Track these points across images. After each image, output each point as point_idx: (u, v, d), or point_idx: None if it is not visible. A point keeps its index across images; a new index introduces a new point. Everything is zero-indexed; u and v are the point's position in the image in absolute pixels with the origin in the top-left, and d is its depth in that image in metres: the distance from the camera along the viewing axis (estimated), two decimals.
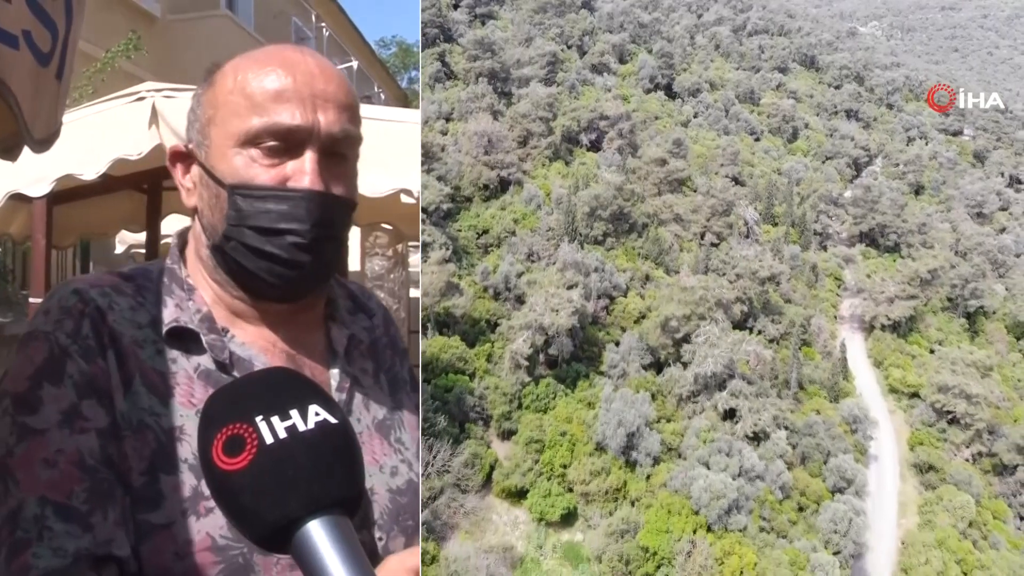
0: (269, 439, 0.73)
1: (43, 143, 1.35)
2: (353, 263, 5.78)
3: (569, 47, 31.92)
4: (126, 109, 3.95)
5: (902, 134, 41.14)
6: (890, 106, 44.47)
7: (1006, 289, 25.79)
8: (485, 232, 17.93)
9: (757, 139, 33.43)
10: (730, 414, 14.05)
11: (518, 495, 12.25)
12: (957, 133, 45.06)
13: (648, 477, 12.66)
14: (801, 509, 13.06)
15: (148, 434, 0.96)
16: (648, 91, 32.86)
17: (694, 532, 11.47)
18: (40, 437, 0.91)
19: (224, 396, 0.81)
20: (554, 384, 13.98)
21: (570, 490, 12.39)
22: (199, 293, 1.08)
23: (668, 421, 13.87)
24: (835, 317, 21.72)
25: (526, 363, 13.68)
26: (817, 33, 51.75)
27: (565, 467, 12.55)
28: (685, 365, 14.70)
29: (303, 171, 1.02)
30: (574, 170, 21.48)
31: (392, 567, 0.96)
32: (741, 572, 11.01)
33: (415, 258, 8.69)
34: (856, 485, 13.55)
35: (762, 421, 13.68)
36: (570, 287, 14.52)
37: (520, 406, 13.54)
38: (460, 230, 17.47)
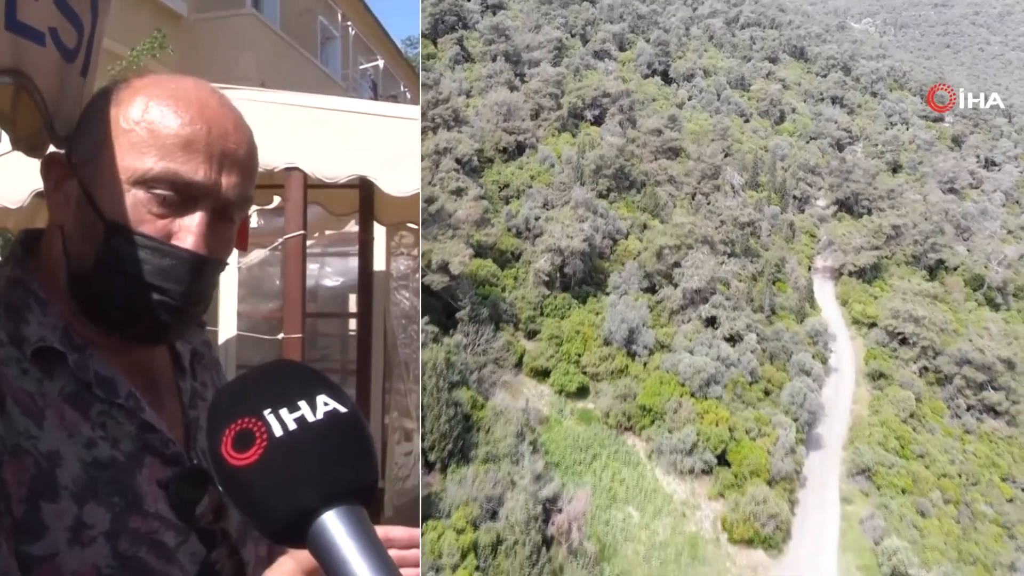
0: (279, 432, 0.74)
1: (66, 140, 1.29)
2: (378, 263, 5.83)
3: (573, 35, 35.77)
4: None
5: (884, 119, 44.80)
6: (874, 94, 48.32)
7: (967, 251, 29.55)
8: (506, 186, 21.60)
9: (747, 120, 37.27)
10: (711, 322, 17.75)
11: (543, 374, 15.90)
12: (938, 120, 48.37)
13: (644, 364, 16.33)
14: (767, 393, 16.74)
15: (26, 459, 0.91)
16: (646, 76, 36.71)
17: (680, 397, 15.16)
18: None
19: (230, 391, 0.82)
20: (569, 298, 17.66)
21: (583, 372, 16.05)
22: (54, 307, 1.03)
23: (662, 328, 17.55)
24: (809, 268, 25.48)
25: (546, 279, 17.36)
26: (807, 26, 55.65)
27: (579, 355, 16.22)
28: (676, 286, 18.40)
29: (190, 230, 1.01)
30: (580, 139, 25.20)
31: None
32: (716, 424, 14.70)
33: None
34: (814, 375, 17.26)
35: (737, 325, 17.40)
36: (581, 221, 18.21)
37: (542, 313, 17.21)
38: (484, 185, 21.14)
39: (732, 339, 17.38)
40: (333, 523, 0.71)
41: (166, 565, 0.99)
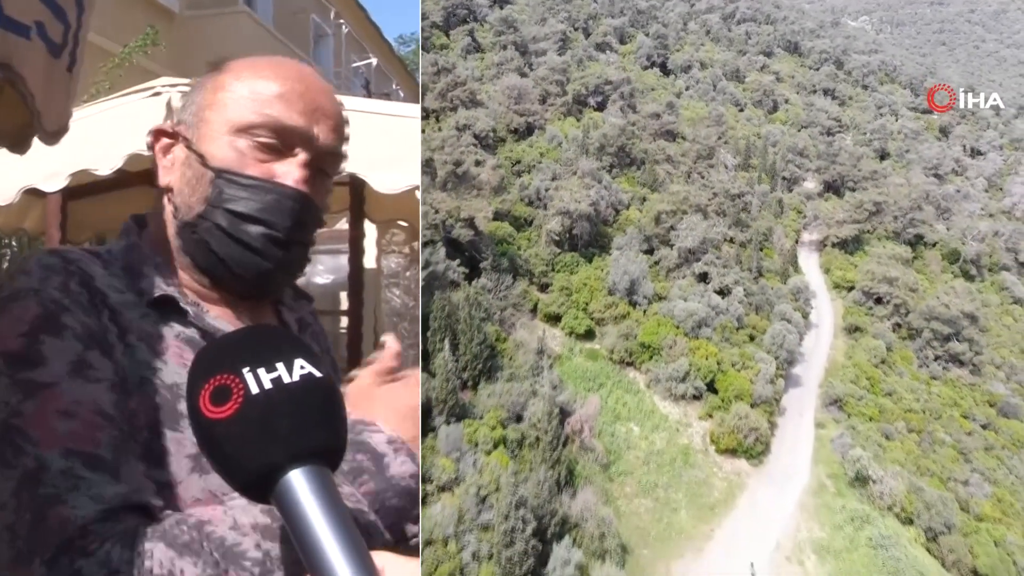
0: (255, 389, 0.77)
1: (54, 135, 1.33)
2: (369, 260, 5.83)
3: (576, 29, 38.36)
4: (142, 104, 4.05)
5: (874, 111, 47.23)
6: (865, 87, 50.90)
7: (947, 229, 32.10)
8: (518, 162, 24.12)
9: (741, 109, 39.87)
10: (703, 277, 20.27)
11: (555, 319, 18.39)
12: (926, 112, 50.66)
13: (644, 312, 18.83)
14: (752, 338, 19.24)
15: (150, 390, 1.00)
16: (645, 68, 39.29)
17: (675, 336, 17.66)
18: (51, 390, 0.91)
19: (212, 349, 0.86)
20: (577, 256, 20.16)
21: (591, 318, 18.54)
22: (167, 269, 1.13)
23: (659, 283, 20.06)
24: (796, 241, 28.02)
25: (557, 238, 19.87)
26: (801, 22, 58.24)
27: (587, 303, 18.71)
28: (671, 247, 20.92)
29: (291, 172, 1.10)
30: (584, 122, 27.73)
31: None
32: (706, 358, 17.19)
33: None
34: (794, 322, 19.77)
35: (727, 280, 19.93)
36: (587, 188, 20.73)
37: (554, 269, 19.71)
38: (499, 159, 23.65)
39: (721, 292, 19.91)
40: (299, 481, 0.75)
41: None
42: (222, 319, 1.11)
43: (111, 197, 5.11)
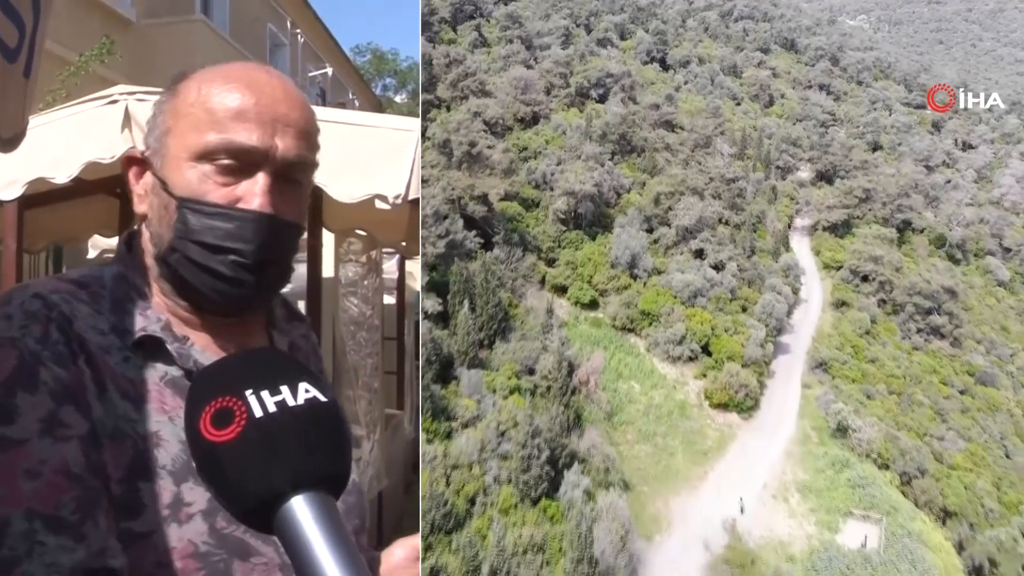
0: (259, 412, 0.76)
1: (10, 143, 1.31)
2: (327, 269, 5.92)
3: (578, 25, 40.05)
4: (99, 112, 4.03)
5: (868, 105, 48.84)
6: (859, 82, 52.61)
7: (934, 216, 33.74)
8: (525, 148, 25.78)
9: (738, 103, 41.55)
10: (699, 253, 21.93)
11: (562, 290, 20.06)
12: (920, 107, 52.15)
13: (644, 284, 20.49)
14: (744, 309, 20.89)
15: (126, 441, 1.00)
16: (645, 63, 40.99)
17: (673, 304, 19.32)
18: (20, 448, 0.91)
19: (214, 371, 0.85)
20: (581, 234, 21.83)
21: (595, 289, 20.19)
22: (155, 300, 1.14)
23: (659, 259, 21.71)
24: (789, 225, 29.67)
25: (563, 216, 21.52)
26: (798, 20, 59.91)
27: (591, 276, 20.37)
28: (670, 226, 22.58)
29: (254, 193, 1.10)
30: (587, 112, 29.40)
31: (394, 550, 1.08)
32: (701, 323, 18.85)
33: (389, 264, 9.09)
34: (784, 294, 21.44)
35: (721, 256, 21.60)
36: (591, 170, 22.40)
37: (560, 246, 21.37)
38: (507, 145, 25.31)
39: (716, 267, 21.58)
40: (301, 508, 0.73)
41: (263, 544, 1.06)
42: (208, 351, 1.13)
43: (68, 205, 5.13)
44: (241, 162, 1.10)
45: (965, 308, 24.97)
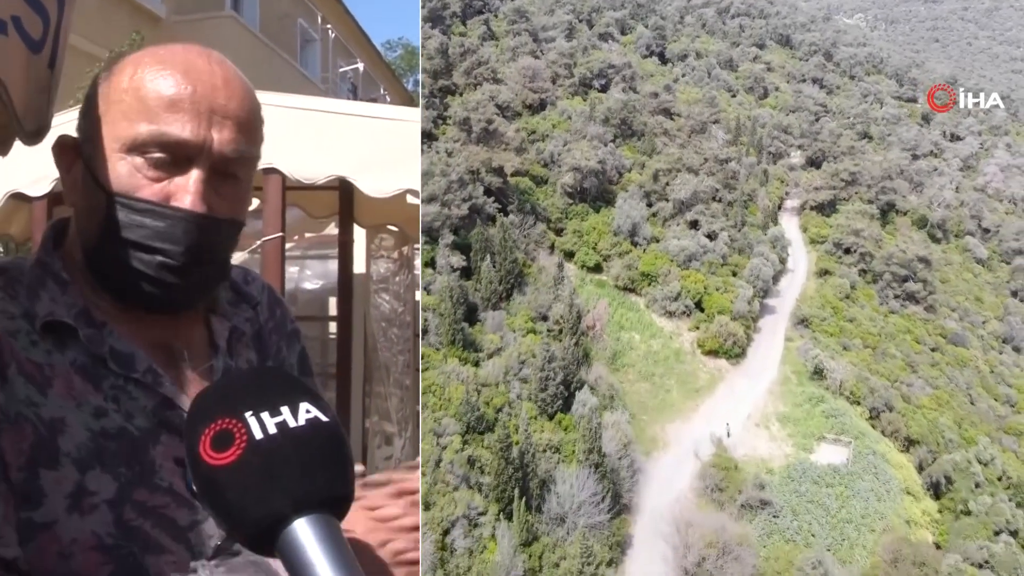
0: (259, 435, 0.76)
1: (34, 135, 1.31)
2: (358, 265, 5.92)
3: (580, 20, 42.61)
4: None
5: (859, 98, 51.28)
6: (852, 77, 55.10)
7: (917, 199, 36.19)
8: (533, 132, 28.29)
9: (733, 95, 44.09)
10: (694, 224, 24.43)
11: (569, 255, 22.53)
12: (911, 100, 54.54)
13: (644, 250, 22.97)
14: (734, 273, 23.38)
15: (26, 426, 0.97)
16: (644, 56, 43.56)
17: (670, 267, 21.81)
18: None
19: (213, 392, 0.84)
20: (587, 207, 24.32)
21: (599, 254, 22.67)
22: (74, 287, 1.09)
23: (657, 229, 24.20)
24: (779, 206, 32.16)
25: (570, 190, 24.02)
26: (793, 16, 62.45)
27: (596, 243, 22.86)
28: (667, 200, 25.08)
29: (186, 189, 1.05)
30: (591, 99, 31.92)
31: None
32: (694, 283, 21.34)
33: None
34: (771, 261, 23.93)
35: (714, 227, 24.11)
36: (595, 149, 24.90)
37: (567, 217, 23.85)
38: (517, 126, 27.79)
39: (710, 236, 24.07)
40: (304, 531, 0.73)
41: (173, 542, 1.02)
42: (128, 338, 1.09)
43: None
44: (174, 156, 1.05)
45: (942, 280, 27.48)
